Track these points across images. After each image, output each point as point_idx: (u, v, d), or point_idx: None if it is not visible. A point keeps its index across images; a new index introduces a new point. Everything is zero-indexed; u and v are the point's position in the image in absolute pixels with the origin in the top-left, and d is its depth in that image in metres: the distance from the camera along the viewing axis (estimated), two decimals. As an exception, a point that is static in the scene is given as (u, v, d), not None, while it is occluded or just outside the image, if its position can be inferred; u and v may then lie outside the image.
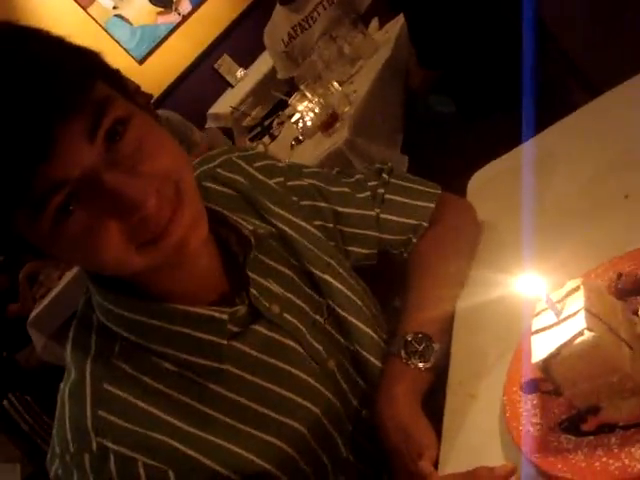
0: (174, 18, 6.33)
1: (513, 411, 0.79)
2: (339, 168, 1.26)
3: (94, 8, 6.04)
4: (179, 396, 0.91)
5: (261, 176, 1.13)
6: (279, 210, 1.10)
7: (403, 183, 1.22)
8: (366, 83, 2.77)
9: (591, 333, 0.68)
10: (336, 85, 2.78)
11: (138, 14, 6.22)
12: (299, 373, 1.00)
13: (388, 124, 2.72)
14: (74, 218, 0.77)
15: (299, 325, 1.02)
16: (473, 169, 1.42)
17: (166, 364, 0.92)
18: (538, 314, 0.76)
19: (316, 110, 2.68)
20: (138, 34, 6.25)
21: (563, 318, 0.72)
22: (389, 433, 0.96)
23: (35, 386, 3.95)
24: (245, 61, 5.87)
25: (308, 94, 2.72)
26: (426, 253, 1.17)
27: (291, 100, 2.87)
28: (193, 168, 1.03)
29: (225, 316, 0.93)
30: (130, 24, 6.22)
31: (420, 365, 1.00)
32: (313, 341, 1.03)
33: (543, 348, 0.72)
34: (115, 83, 0.83)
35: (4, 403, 3.78)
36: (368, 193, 1.20)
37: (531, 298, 0.76)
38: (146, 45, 6.27)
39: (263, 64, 5.04)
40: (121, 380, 0.90)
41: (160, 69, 6.25)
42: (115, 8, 6.15)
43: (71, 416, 0.88)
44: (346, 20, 3.38)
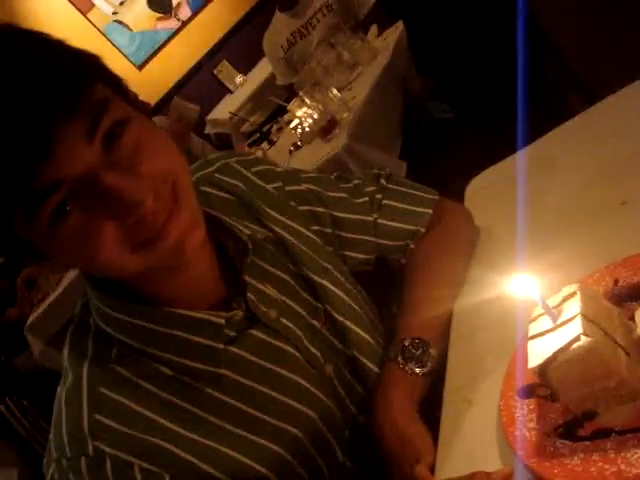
0: (173, 24, 6.34)
1: (509, 416, 0.79)
2: (337, 173, 1.26)
3: (93, 13, 6.05)
4: (176, 400, 0.91)
5: (259, 181, 1.14)
6: (277, 215, 1.10)
7: (401, 189, 1.23)
8: (365, 89, 2.78)
9: (587, 338, 0.68)
10: (335, 91, 2.78)
11: (137, 20, 6.23)
12: (296, 378, 0.99)
13: (386, 130, 2.73)
14: (71, 218, 0.77)
15: (296, 330, 1.02)
16: (471, 175, 1.42)
17: (163, 368, 0.92)
18: (535, 319, 0.76)
19: (315, 116, 2.69)
20: (137, 40, 6.25)
21: (559, 323, 0.72)
22: (386, 438, 0.96)
23: (32, 391, 3.94)
24: (244, 67, 5.89)
25: (307, 100, 2.73)
26: (423, 258, 1.17)
27: (290, 106, 2.88)
28: (191, 172, 1.03)
29: (222, 320, 0.93)
30: (129, 30, 6.23)
31: (417, 370, 1.00)
32: (310, 346, 1.03)
33: (539, 353, 0.72)
34: (114, 86, 0.84)
35: (1, 407, 3.78)
36: (366, 198, 1.20)
37: (527, 303, 0.76)
38: (145, 51, 6.28)
39: (262, 70, 5.06)
40: (118, 384, 0.89)
41: (159, 75, 6.25)
42: (114, 14, 6.16)
43: (68, 420, 0.88)
44: (345, 27, 3.40)
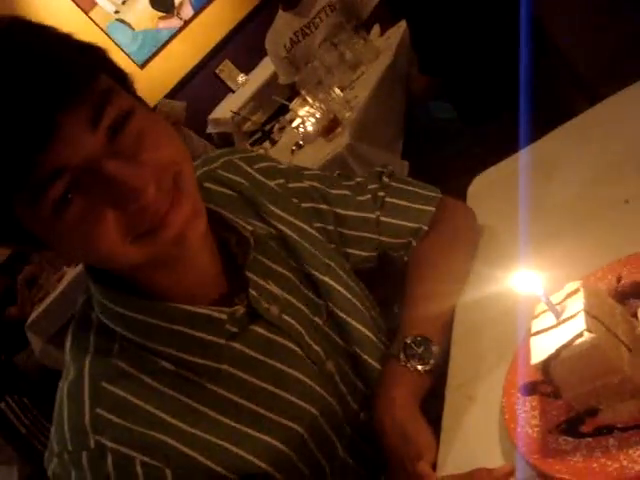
0: (176, 23, 6.34)
1: (512, 413, 0.80)
2: (340, 172, 1.26)
3: (96, 12, 6.05)
4: (177, 395, 0.91)
5: (262, 177, 1.14)
6: (279, 212, 1.10)
7: (403, 186, 1.23)
8: (367, 89, 2.78)
9: (590, 335, 0.68)
10: (337, 90, 2.79)
11: (140, 19, 6.23)
12: (297, 374, 1.00)
13: (389, 130, 2.73)
14: (73, 207, 0.77)
15: (298, 326, 1.02)
16: (473, 174, 1.42)
17: (165, 363, 0.92)
18: (538, 316, 0.76)
19: (317, 115, 2.69)
20: (139, 39, 6.26)
21: (562, 320, 0.72)
22: (388, 435, 0.96)
23: (33, 389, 3.95)
24: (246, 66, 5.90)
25: (309, 99, 2.73)
26: (425, 256, 1.17)
27: (292, 105, 2.88)
28: (195, 166, 1.03)
29: (224, 316, 0.94)
30: (132, 29, 6.23)
31: (419, 368, 1.00)
32: (312, 343, 1.03)
33: (542, 350, 0.72)
34: (119, 78, 0.84)
35: (1, 406, 3.79)
36: (368, 196, 1.20)
37: (529, 300, 0.77)
38: (147, 50, 6.28)
39: (264, 69, 5.06)
40: (119, 379, 0.90)
41: (161, 74, 6.26)
42: (117, 12, 6.16)
43: (69, 414, 0.88)
44: (348, 26, 3.40)
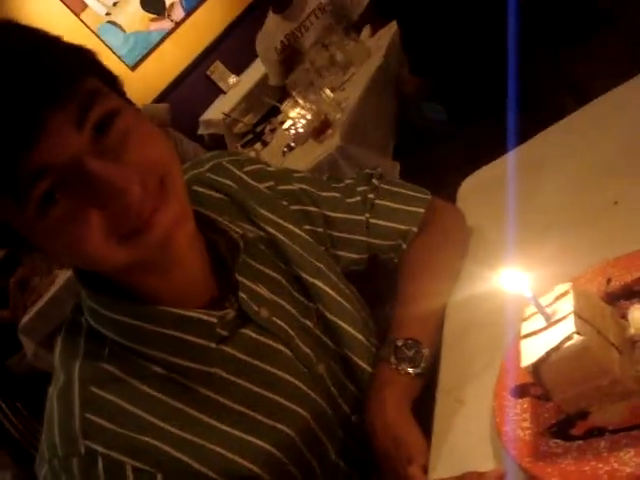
0: (167, 25, 6.33)
1: (502, 416, 0.79)
2: (330, 174, 1.26)
3: (87, 14, 6.04)
4: (168, 399, 0.90)
5: (251, 180, 1.13)
6: (269, 214, 1.10)
7: (393, 188, 1.23)
8: (358, 90, 2.78)
9: (580, 337, 0.68)
10: (328, 92, 2.79)
11: (131, 21, 6.22)
12: (288, 377, 0.99)
13: (380, 131, 2.73)
14: (57, 206, 0.77)
15: (288, 329, 1.02)
16: (463, 175, 1.42)
17: (155, 367, 0.91)
18: (527, 318, 0.76)
19: (308, 117, 2.69)
20: (131, 40, 6.25)
21: (552, 322, 0.72)
22: (379, 439, 0.96)
23: (25, 392, 3.93)
24: (238, 68, 5.89)
25: (300, 101, 2.73)
26: (415, 259, 1.17)
27: (283, 107, 2.88)
28: (183, 171, 1.03)
29: (214, 319, 0.93)
30: (123, 30, 6.22)
31: (410, 371, 1.00)
32: (302, 345, 1.03)
33: (532, 352, 0.72)
34: (107, 80, 0.85)
35: (-6, 410, 3.77)
36: (358, 198, 1.20)
37: (518, 302, 0.76)
38: (138, 52, 6.27)
39: (255, 71, 5.06)
40: (110, 383, 0.89)
41: (152, 76, 6.25)
42: (108, 14, 6.15)
43: (59, 420, 0.87)
44: (338, 27, 3.40)
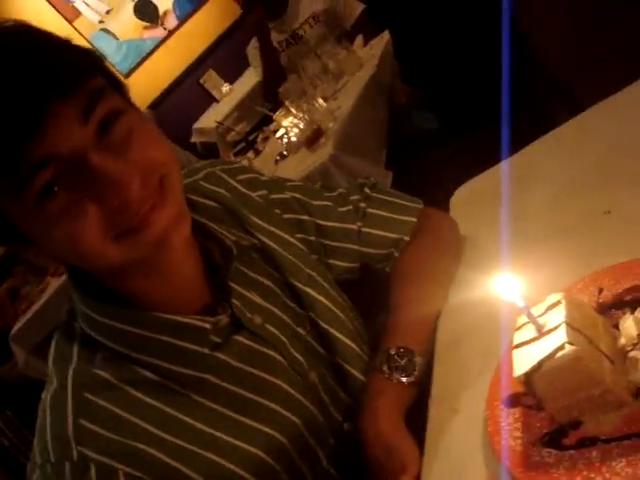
0: (160, 33, 6.34)
1: (495, 425, 0.79)
2: (322, 183, 1.27)
3: (80, 22, 6.04)
4: (160, 406, 0.90)
5: (244, 189, 1.14)
6: (262, 223, 1.11)
7: (385, 197, 1.23)
8: (350, 99, 2.78)
9: (572, 347, 0.68)
10: (321, 101, 2.79)
11: (124, 28, 6.23)
12: (280, 383, 1.00)
13: (372, 140, 2.73)
14: (56, 198, 0.78)
15: (281, 336, 1.02)
16: (456, 184, 1.42)
17: (148, 373, 0.91)
18: (519, 328, 0.76)
19: (301, 126, 2.70)
20: (124, 48, 6.25)
21: (544, 332, 0.72)
22: (371, 447, 0.96)
23: (16, 401, 3.91)
24: (230, 76, 5.89)
25: (293, 110, 2.73)
26: (407, 267, 1.17)
27: (276, 115, 2.88)
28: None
29: (207, 325, 0.93)
30: (116, 38, 6.22)
31: (403, 380, 1.00)
32: (295, 353, 1.03)
33: (524, 362, 0.72)
34: (114, 83, 0.87)
35: (-16, 418, 3.75)
36: (350, 207, 1.20)
37: (512, 311, 0.77)
38: (132, 60, 6.28)
39: (248, 79, 5.06)
40: (102, 389, 0.89)
41: (146, 84, 6.24)
42: (101, 22, 6.15)
43: (52, 425, 0.87)
44: (331, 37, 3.40)
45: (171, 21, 6.35)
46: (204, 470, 0.89)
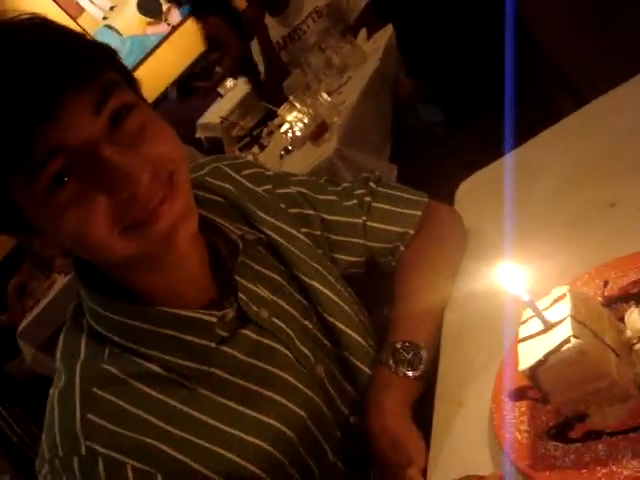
0: (164, 29, 6.34)
1: (500, 419, 0.80)
2: (327, 177, 1.26)
3: (83, 18, 6.06)
4: (168, 400, 0.91)
5: (249, 184, 1.14)
6: (267, 217, 1.11)
7: (390, 191, 1.23)
8: (355, 93, 2.78)
9: (577, 340, 0.68)
10: (325, 95, 2.78)
11: (128, 24, 6.23)
12: (287, 377, 1.00)
13: (377, 134, 2.72)
14: (66, 188, 0.79)
15: (288, 330, 1.03)
16: (461, 178, 1.42)
17: (155, 368, 0.92)
18: (525, 322, 0.76)
19: (305, 120, 2.69)
20: (128, 44, 6.25)
21: (550, 326, 0.72)
22: (378, 441, 0.96)
23: (24, 397, 3.93)
24: (235, 71, 5.87)
25: (297, 104, 2.72)
26: (413, 261, 1.17)
27: (280, 110, 2.87)
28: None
29: (214, 319, 0.94)
30: (120, 34, 6.23)
31: (409, 373, 1.00)
32: (301, 346, 1.03)
33: (530, 356, 0.72)
34: (127, 78, 0.88)
35: (-7, 414, 3.76)
36: (355, 201, 1.20)
37: (516, 303, 0.76)
38: (136, 55, 6.28)
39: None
40: (110, 384, 0.90)
41: (150, 79, 6.23)
42: (105, 18, 6.16)
43: (60, 420, 0.88)
44: (335, 30, 3.39)
45: (175, 17, 6.35)
46: (211, 463, 0.89)
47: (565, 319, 0.70)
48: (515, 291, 0.73)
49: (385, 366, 1.02)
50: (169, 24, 6.32)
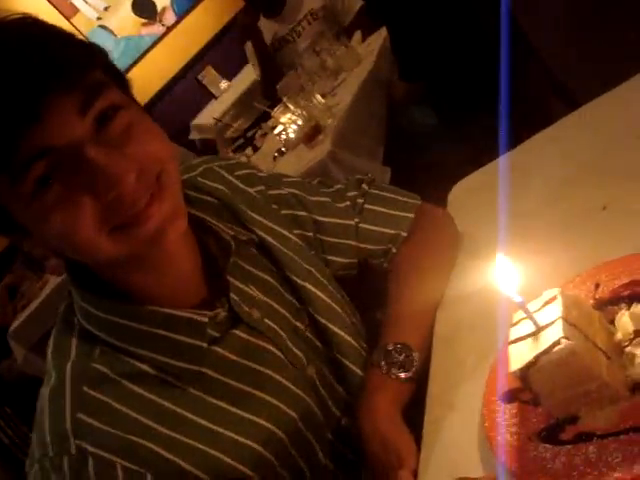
0: (158, 29, 6.32)
1: (492, 421, 0.79)
2: (320, 178, 1.27)
3: (78, 18, 6.02)
4: (158, 399, 0.91)
5: (242, 185, 1.14)
6: (259, 218, 1.11)
7: (383, 193, 1.23)
8: (349, 95, 2.78)
9: (568, 342, 0.68)
10: (319, 97, 2.78)
11: (122, 25, 6.21)
12: (279, 377, 1.00)
13: (370, 136, 2.73)
14: (52, 190, 0.79)
15: (279, 331, 1.03)
16: (454, 180, 1.42)
17: (146, 367, 0.92)
18: (516, 323, 0.76)
19: (299, 122, 2.69)
20: (122, 45, 6.23)
21: (540, 327, 0.72)
22: (369, 443, 0.96)
23: (15, 398, 3.91)
24: (229, 73, 5.88)
25: (291, 106, 2.73)
26: (405, 264, 1.17)
27: (274, 112, 2.87)
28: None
29: (205, 319, 0.94)
30: (114, 35, 6.20)
31: (401, 375, 1.00)
32: (293, 347, 1.03)
33: (521, 357, 0.72)
34: (115, 77, 0.87)
35: (-17, 415, 3.75)
36: (348, 203, 1.20)
37: (508, 304, 0.76)
38: (130, 56, 6.25)
39: (247, 76, 5.05)
40: (101, 383, 0.90)
41: (144, 80, 6.22)
42: (99, 19, 6.14)
43: (50, 419, 0.88)
44: (329, 33, 3.40)
45: (169, 17, 6.33)
46: (202, 463, 0.89)
47: (556, 321, 0.71)
48: (507, 293, 0.74)
49: (377, 368, 1.02)
50: (164, 25, 6.30)
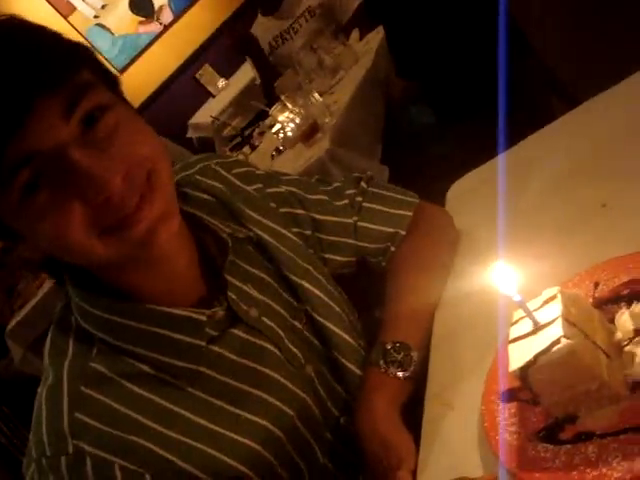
0: (155, 28, 6.31)
1: (491, 420, 0.79)
2: (318, 177, 1.26)
3: (75, 17, 6.01)
4: (156, 399, 0.90)
5: (240, 183, 1.13)
6: (257, 216, 1.10)
7: (381, 192, 1.23)
8: (347, 94, 2.78)
9: (568, 341, 0.68)
10: (317, 96, 2.78)
11: (119, 23, 6.20)
12: (277, 376, 1.00)
13: (368, 134, 2.73)
14: (40, 194, 0.78)
15: (277, 329, 1.02)
16: (452, 179, 1.42)
17: (144, 366, 0.91)
18: (515, 322, 0.76)
19: (297, 120, 2.69)
20: (119, 43, 6.22)
21: (540, 326, 0.72)
22: (368, 442, 0.96)
23: (13, 397, 3.91)
24: (226, 71, 5.87)
25: (289, 104, 2.72)
26: (404, 262, 1.17)
27: (272, 111, 2.87)
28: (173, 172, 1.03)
29: (203, 317, 0.93)
30: (111, 33, 6.20)
31: (399, 374, 1.00)
32: (291, 346, 1.03)
33: (520, 356, 0.72)
34: (103, 77, 0.86)
35: (-19, 415, 3.74)
36: (346, 201, 1.20)
37: (508, 303, 0.76)
38: (127, 55, 6.25)
39: (244, 74, 5.05)
40: (98, 383, 0.89)
41: (141, 79, 6.22)
42: (96, 17, 6.13)
43: (48, 419, 0.87)
44: (327, 31, 3.39)
45: (167, 16, 6.32)
46: (200, 463, 0.89)
47: (556, 320, 0.70)
48: (506, 292, 0.73)
49: (375, 367, 1.02)
50: (161, 23, 6.29)
